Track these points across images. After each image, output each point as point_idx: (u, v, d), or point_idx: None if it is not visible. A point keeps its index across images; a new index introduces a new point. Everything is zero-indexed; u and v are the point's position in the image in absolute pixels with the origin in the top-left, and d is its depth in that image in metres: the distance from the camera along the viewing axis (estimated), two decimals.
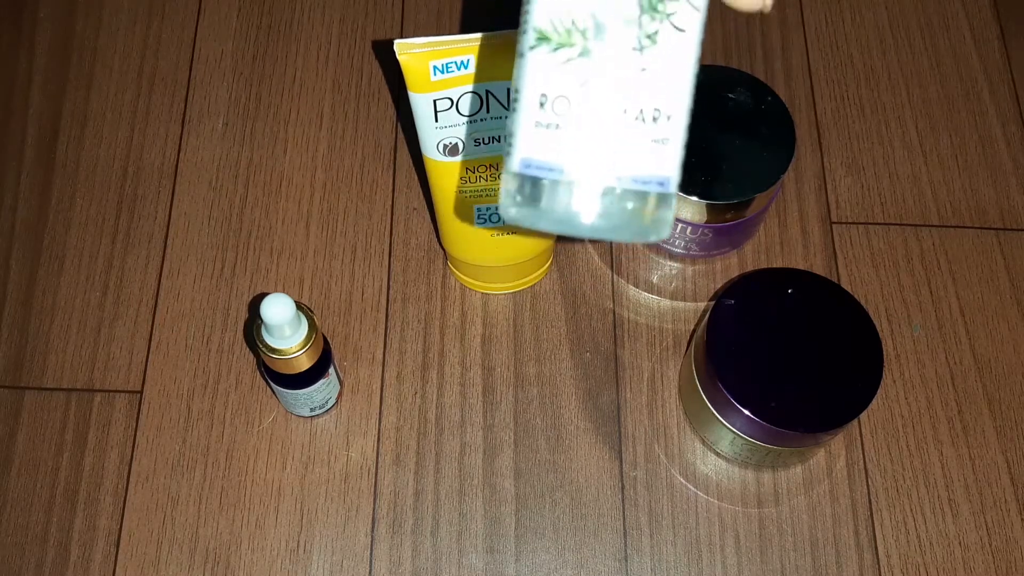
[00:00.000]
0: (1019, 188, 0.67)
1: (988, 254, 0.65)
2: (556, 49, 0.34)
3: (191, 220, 0.65)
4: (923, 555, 0.57)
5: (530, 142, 0.34)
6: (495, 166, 0.52)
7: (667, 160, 0.34)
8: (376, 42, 0.71)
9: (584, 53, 0.33)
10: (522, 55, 0.35)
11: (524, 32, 0.35)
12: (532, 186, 0.34)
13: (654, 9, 0.33)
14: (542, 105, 0.34)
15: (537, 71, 0.34)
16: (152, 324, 0.62)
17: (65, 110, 0.68)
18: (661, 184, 0.34)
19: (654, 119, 0.34)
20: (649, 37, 0.34)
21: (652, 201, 0.34)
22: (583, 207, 0.34)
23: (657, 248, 0.64)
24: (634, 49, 0.34)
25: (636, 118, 0.34)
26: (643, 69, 0.34)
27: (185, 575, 0.56)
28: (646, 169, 0.34)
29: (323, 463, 0.59)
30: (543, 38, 0.34)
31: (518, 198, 0.35)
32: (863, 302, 0.62)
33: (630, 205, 0.34)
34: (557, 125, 0.34)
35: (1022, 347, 0.62)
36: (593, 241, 0.65)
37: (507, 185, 0.35)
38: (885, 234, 0.66)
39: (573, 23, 0.33)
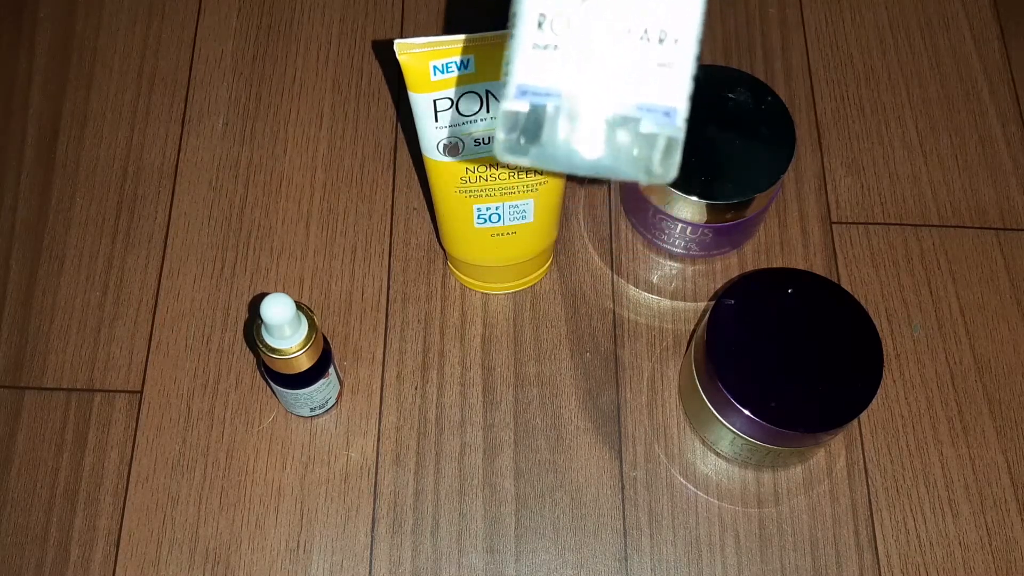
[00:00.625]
0: (1019, 188, 0.67)
1: (988, 254, 0.65)
2: None
3: (191, 220, 0.65)
4: (923, 555, 0.57)
5: (527, 66, 0.31)
6: (495, 166, 0.52)
7: (674, 87, 0.32)
8: (376, 42, 0.71)
9: None
10: None
11: None
12: (529, 121, 0.32)
13: None
14: (540, 25, 0.31)
15: None
16: (152, 324, 0.62)
17: (65, 110, 0.68)
18: (667, 114, 0.32)
19: (660, 40, 0.31)
20: None
21: (658, 135, 0.32)
22: (584, 141, 0.31)
23: (657, 248, 0.64)
24: None
25: (641, 38, 0.31)
26: None
27: (185, 575, 0.56)
28: (650, 96, 0.31)
29: (323, 463, 0.59)
30: None
31: (515, 135, 0.32)
32: (863, 302, 0.62)
33: (633, 138, 0.31)
34: (556, 46, 0.31)
35: (1022, 347, 0.62)
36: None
37: (503, 121, 0.32)
38: (885, 234, 0.66)
39: None
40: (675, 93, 0.32)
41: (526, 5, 0.32)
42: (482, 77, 0.48)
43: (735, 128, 0.59)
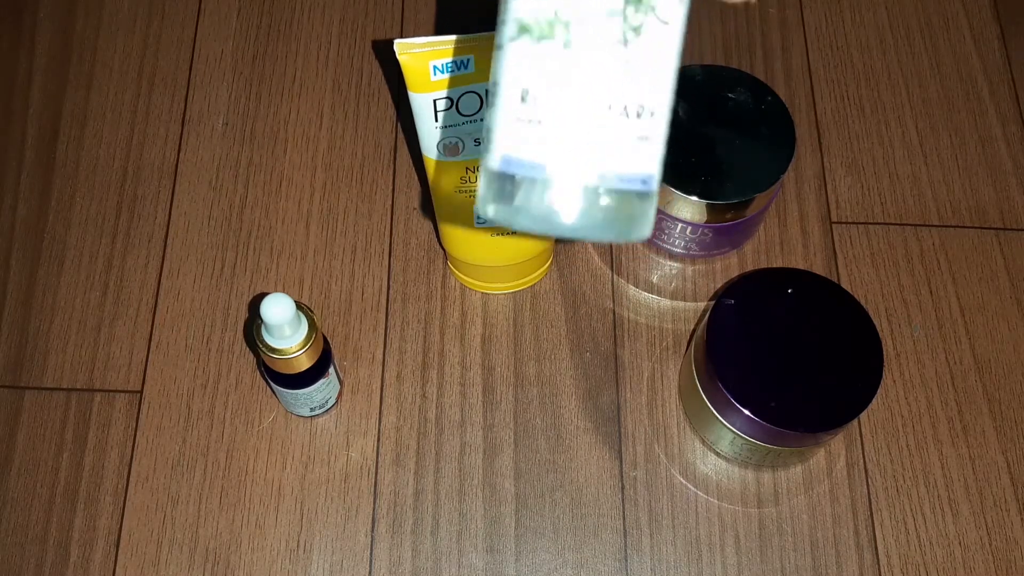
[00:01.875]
0: (1019, 188, 0.67)
1: (988, 254, 0.65)
2: (538, 41, 0.32)
3: (191, 220, 0.65)
4: (923, 555, 0.57)
5: (510, 138, 0.33)
6: None
7: (650, 157, 0.33)
8: (376, 42, 0.71)
9: (567, 45, 0.32)
10: (500, 47, 0.33)
11: (503, 23, 0.33)
12: (511, 184, 0.33)
13: (639, 1, 0.32)
14: (523, 99, 0.33)
15: (517, 64, 0.33)
16: (152, 324, 0.62)
17: (65, 110, 0.68)
18: (644, 182, 0.33)
19: (638, 115, 0.33)
20: (634, 30, 0.32)
21: (634, 200, 0.33)
22: (563, 206, 0.33)
23: (657, 248, 0.64)
24: (618, 42, 0.32)
25: (620, 114, 0.33)
26: (627, 63, 0.32)
27: (185, 575, 0.56)
28: (628, 167, 0.33)
29: (323, 463, 0.59)
30: (524, 29, 0.32)
31: (496, 196, 0.33)
32: (863, 302, 0.62)
33: (612, 205, 0.33)
34: (539, 121, 0.32)
35: (1022, 347, 0.62)
36: (593, 243, 0.65)
37: (485, 183, 0.34)
38: (885, 234, 0.66)
39: (555, 14, 0.32)
40: (651, 162, 0.33)
41: (507, 78, 0.33)
42: (482, 77, 0.48)
43: (735, 128, 0.59)
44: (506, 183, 0.33)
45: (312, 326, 0.52)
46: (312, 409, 0.58)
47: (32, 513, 0.57)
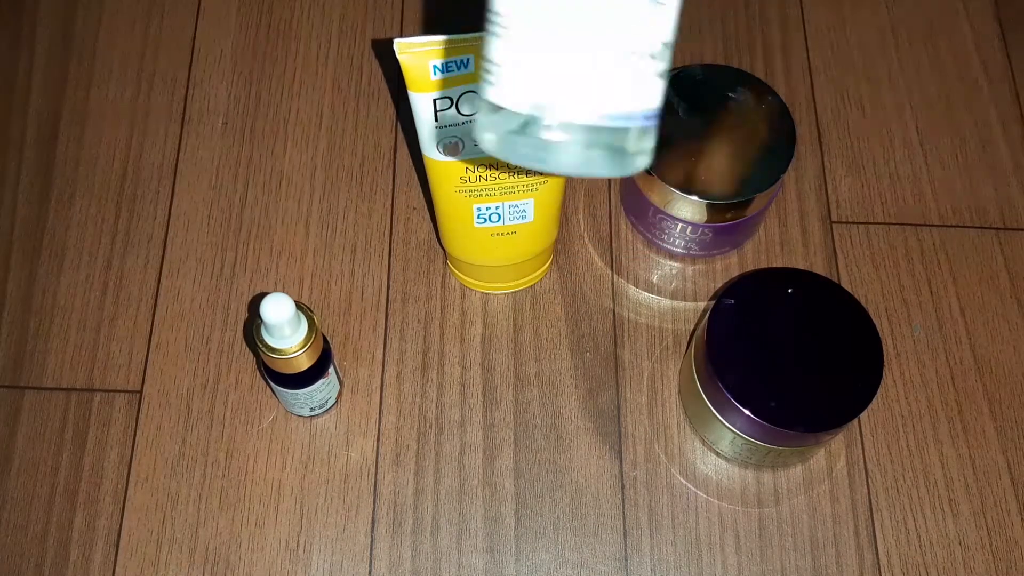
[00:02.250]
0: (1019, 188, 0.67)
1: (988, 254, 0.65)
2: None
3: (191, 220, 0.65)
4: (923, 555, 0.57)
5: (514, 73, 0.32)
6: (495, 166, 0.52)
7: (652, 93, 0.33)
8: (376, 42, 0.71)
9: None
10: None
11: None
12: (512, 117, 0.33)
13: None
14: (524, 33, 0.32)
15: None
16: (152, 324, 0.62)
17: (65, 110, 0.68)
18: (645, 118, 0.33)
19: (643, 54, 0.33)
20: None
21: (633, 135, 0.33)
22: (564, 143, 0.32)
23: (657, 248, 0.64)
24: None
25: (624, 53, 0.32)
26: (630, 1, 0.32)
27: (185, 575, 0.56)
28: (631, 104, 0.33)
29: (323, 463, 0.59)
30: None
31: (496, 127, 0.33)
32: (863, 302, 0.62)
33: (612, 141, 0.33)
34: (542, 56, 0.32)
35: (1022, 347, 0.62)
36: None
37: (486, 112, 0.33)
38: (885, 234, 0.66)
39: None
40: (653, 98, 0.33)
41: (510, 10, 0.32)
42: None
43: (735, 128, 0.59)
44: (507, 116, 0.33)
45: (312, 326, 0.52)
46: (312, 409, 0.58)
47: (32, 513, 0.57)
